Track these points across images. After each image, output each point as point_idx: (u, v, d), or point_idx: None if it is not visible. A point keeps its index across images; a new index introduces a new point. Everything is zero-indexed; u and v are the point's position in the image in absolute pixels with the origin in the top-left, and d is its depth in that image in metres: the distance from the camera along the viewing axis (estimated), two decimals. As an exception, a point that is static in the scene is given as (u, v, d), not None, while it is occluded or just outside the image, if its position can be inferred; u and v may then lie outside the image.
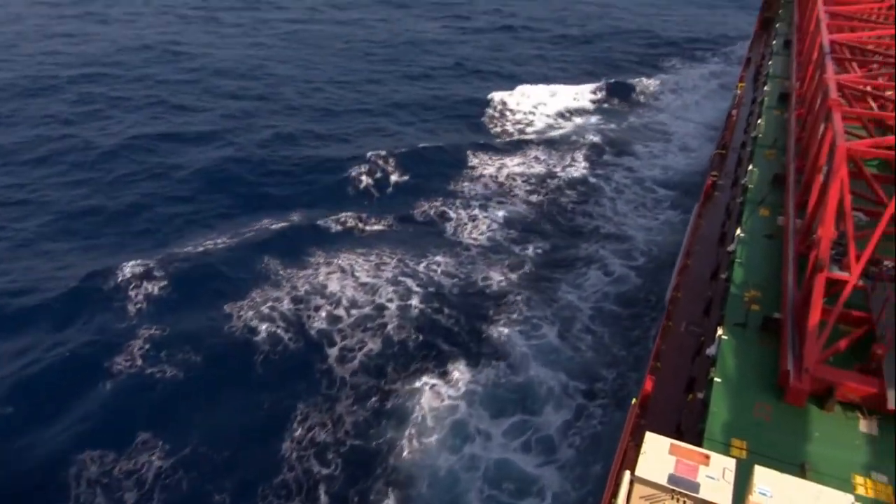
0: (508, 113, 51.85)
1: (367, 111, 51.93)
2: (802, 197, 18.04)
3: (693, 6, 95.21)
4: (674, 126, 49.32)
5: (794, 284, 15.02)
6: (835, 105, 16.79)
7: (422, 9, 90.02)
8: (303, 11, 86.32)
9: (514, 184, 39.24)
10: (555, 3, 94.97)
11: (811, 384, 12.45)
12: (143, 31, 73.53)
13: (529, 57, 69.58)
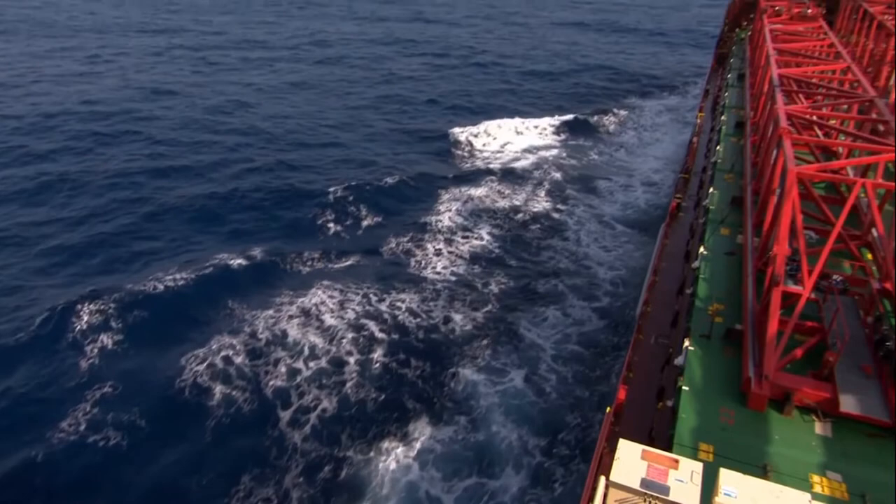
0: (477, 147, 52.11)
1: (338, 145, 51.93)
2: (759, 217, 18.96)
3: (654, 45, 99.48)
4: (634, 162, 49.86)
5: (754, 298, 15.75)
6: (785, 133, 17.77)
7: (399, 46, 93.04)
8: (285, 50, 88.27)
9: (480, 219, 38.98)
10: (524, 42, 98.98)
11: (771, 390, 13.05)
12: (124, 71, 73.88)
13: (498, 92, 71.00)
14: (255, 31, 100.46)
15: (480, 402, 23.80)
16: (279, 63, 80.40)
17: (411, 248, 35.49)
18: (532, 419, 23.02)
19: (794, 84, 23.81)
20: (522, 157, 49.59)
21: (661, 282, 21.10)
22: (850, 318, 14.77)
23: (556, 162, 48.49)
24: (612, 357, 26.15)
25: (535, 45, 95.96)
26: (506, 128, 56.64)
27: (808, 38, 32.60)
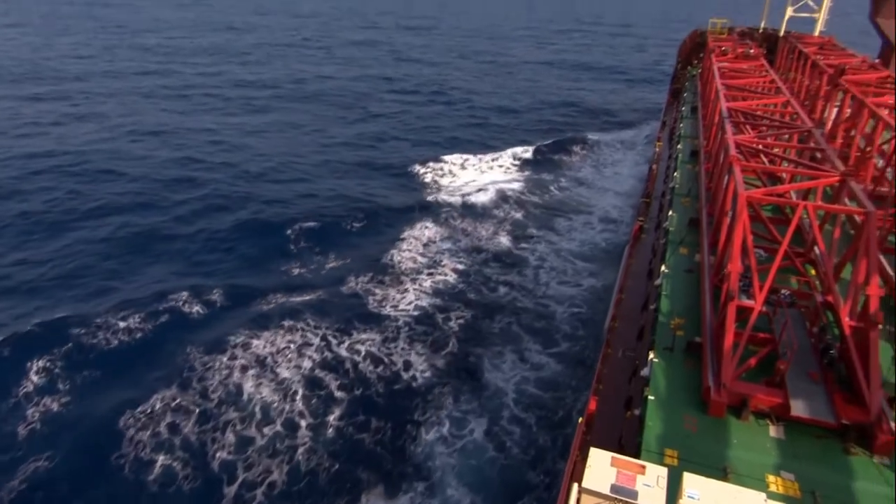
0: (442, 183, 51.59)
1: (306, 180, 51.25)
2: (714, 237, 19.91)
3: (614, 82, 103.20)
4: (594, 198, 49.68)
5: (711, 312, 16.43)
6: (735, 160, 18.92)
7: (371, 81, 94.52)
8: (261, 88, 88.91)
9: (442, 255, 37.89)
10: (491, 79, 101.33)
11: (729, 398, 13.61)
12: (101, 112, 73.03)
13: (465, 127, 71.03)
14: (233, 71, 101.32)
15: (438, 464, 22.34)
16: (256, 101, 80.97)
17: (373, 283, 34.34)
18: (491, 482, 21.64)
19: (741, 116, 25.28)
20: (486, 193, 48.87)
21: (626, 298, 21.83)
22: (797, 329, 15.59)
23: (518, 198, 48.13)
24: (572, 399, 25.35)
25: (501, 83, 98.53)
26: (470, 163, 56.73)
27: (752, 75, 34.59)
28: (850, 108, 28.69)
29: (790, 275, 18.90)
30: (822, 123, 31.65)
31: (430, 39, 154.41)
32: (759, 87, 32.49)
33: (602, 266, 36.56)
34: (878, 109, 25.52)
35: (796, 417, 13.07)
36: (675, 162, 31.60)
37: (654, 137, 54.17)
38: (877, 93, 28.63)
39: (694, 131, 36.58)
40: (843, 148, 27.80)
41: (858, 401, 13.00)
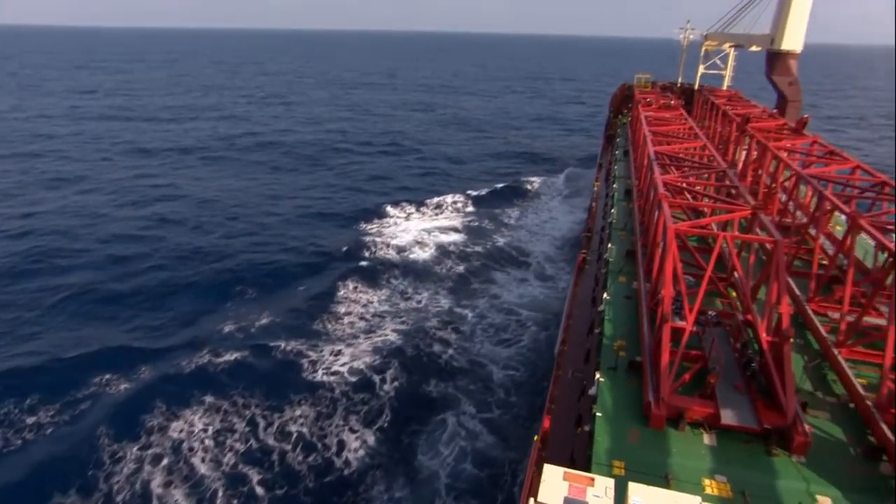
0: (386, 237, 49.46)
1: (249, 233, 49.49)
2: (648, 266, 21.22)
3: (553, 131, 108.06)
4: (532, 245, 48.92)
5: (649, 333, 17.40)
6: (663, 198, 20.47)
7: (325, 134, 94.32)
8: (218, 141, 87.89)
9: (381, 316, 35.77)
10: (439, 131, 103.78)
11: (667, 411, 14.36)
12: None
13: (413, 177, 71.27)
14: (195, 126, 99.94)
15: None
16: (212, 155, 79.44)
17: (308, 345, 31.70)
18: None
19: (666, 159, 27.34)
20: (428, 248, 47.06)
21: (574, 324, 22.74)
22: (723, 346, 16.73)
23: (460, 251, 46.45)
24: (509, 475, 23.62)
25: (450, 134, 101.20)
26: (416, 213, 55.95)
27: (674, 123, 37.51)
28: (756, 151, 31.44)
29: (715, 297, 20.36)
30: (734, 164, 34.49)
31: (385, 94, 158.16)
32: (680, 134, 35.30)
33: (539, 319, 34.92)
34: (779, 152, 28.22)
35: (726, 425, 13.92)
36: (612, 200, 33.59)
37: (589, 180, 56.97)
38: (776, 138, 31.64)
39: (627, 172, 39.10)
40: (753, 185, 30.37)
41: (777, 407, 14.02)
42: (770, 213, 26.82)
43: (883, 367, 14.66)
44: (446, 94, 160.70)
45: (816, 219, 22.65)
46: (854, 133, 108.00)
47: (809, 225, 23.83)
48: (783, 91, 46.97)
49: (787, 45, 44.78)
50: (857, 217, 18.82)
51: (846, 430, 14.30)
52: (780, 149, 28.93)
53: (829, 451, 13.55)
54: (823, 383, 16.35)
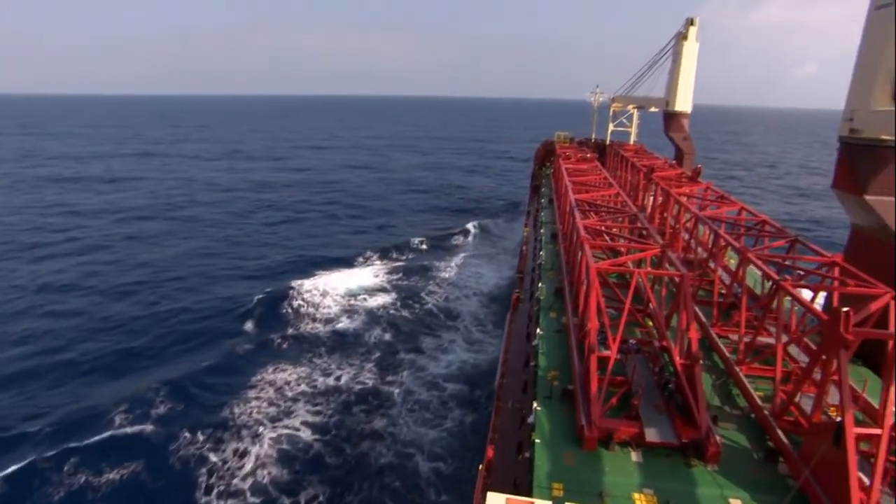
0: (311, 306, 45.29)
1: (156, 304, 44.93)
2: (575, 302, 22.49)
3: (483, 183, 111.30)
4: (460, 304, 46.35)
5: (578, 363, 18.32)
6: (585, 240, 22.06)
7: (245, 202, 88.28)
8: (143, 209, 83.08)
9: (297, 404, 31.07)
10: (374, 187, 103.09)
11: (598, 433, 15.07)
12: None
13: (346, 235, 69.12)
14: (119, 196, 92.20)
15: None
16: (126, 224, 73.01)
17: (210, 446, 27.20)
18: None
19: (586, 205, 29.42)
20: (354, 316, 43.12)
21: (511, 358, 23.50)
22: (644, 371, 17.96)
23: (388, 316, 43.17)
24: None
25: (384, 190, 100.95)
26: (346, 276, 52.10)
27: (590, 174, 40.47)
28: (661, 197, 34.35)
29: (635, 327, 21.84)
30: (644, 208, 37.51)
31: (325, 155, 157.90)
32: (597, 183, 38.08)
33: (465, 396, 31.74)
34: (680, 197, 31.04)
35: (650, 442, 14.83)
36: (540, 243, 35.46)
37: (515, 231, 59.41)
38: (677, 185, 34.85)
39: (552, 218, 41.47)
40: (660, 226, 33.13)
41: (692, 422, 15.15)
42: (676, 251, 29.33)
43: (775, 380, 16.19)
44: (384, 153, 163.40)
45: (714, 254, 24.98)
46: (738, 179, 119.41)
47: (709, 259, 26.17)
48: (679, 145, 51.95)
49: (678, 107, 50.01)
50: (745, 251, 21.00)
51: (749, 438, 15.62)
52: (680, 194, 31.96)
53: (737, 457, 14.73)
54: (729, 398, 17.84)
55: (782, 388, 15.98)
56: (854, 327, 12.74)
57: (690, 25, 47.63)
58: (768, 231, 24.77)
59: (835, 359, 12.96)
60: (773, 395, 16.13)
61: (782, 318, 17.60)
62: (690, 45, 47.89)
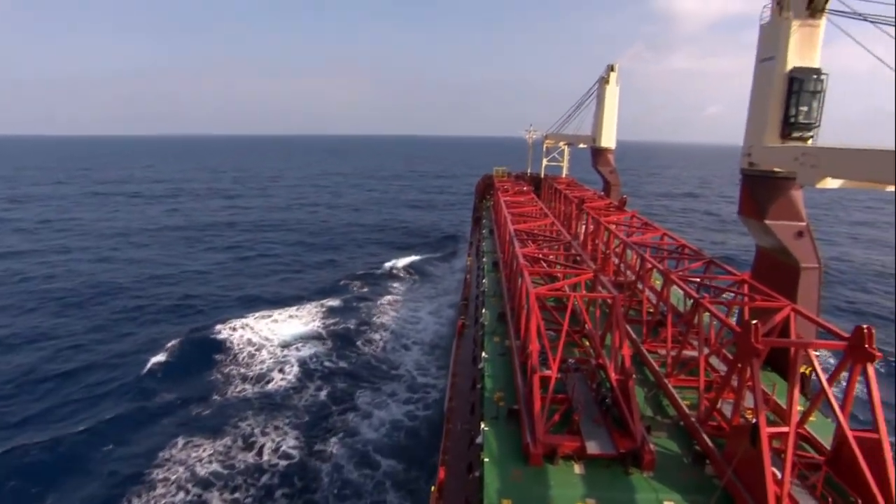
0: (236, 360, 39.82)
1: (66, 374, 38.23)
2: (517, 326, 23.18)
3: (424, 218, 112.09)
4: (398, 355, 41.62)
5: (522, 384, 18.88)
6: (524, 267, 23.01)
7: (160, 247, 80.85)
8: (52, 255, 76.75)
9: (210, 492, 25.69)
10: (308, 228, 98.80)
11: (543, 449, 15.58)
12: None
13: (276, 279, 63.47)
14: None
15: None
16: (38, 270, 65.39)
17: None
18: None
19: (524, 235, 30.68)
20: (289, 365, 38.78)
21: (458, 381, 23.85)
22: (583, 388, 18.75)
23: (324, 367, 38.79)
24: None
25: (319, 229, 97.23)
26: (276, 323, 46.92)
27: (527, 205, 42.23)
28: (592, 225, 36.33)
29: (573, 347, 22.85)
30: (577, 236, 39.45)
31: (264, 197, 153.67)
32: (533, 214, 39.73)
33: (401, 476, 27.34)
34: (609, 225, 33.01)
35: (591, 455, 15.45)
36: (483, 271, 36.45)
37: (454, 267, 60.34)
38: (606, 214, 37.04)
39: (493, 247, 42.77)
40: (592, 252, 34.91)
41: (628, 433, 15.94)
42: (607, 274, 31.00)
43: (699, 389, 17.38)
44: (328, 190, 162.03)
45: (641, 276, 26.66)
46: (665, 207, 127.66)
47: (637, 281, 27.84)
48: (606, 178, 55.33)
49: (604, 143, 53.50)
50: (668, 273, 22.62)
51: (679, 444, 16.63)
52: (609, 222, 33.99)
53: (669, 463, 15.62)
54: (660, 408, 18.92)
55: (706, 396, 17.17)
56: (762, 337, 14.05)
57: (611, 71, 51.57)
58: (687, 254, 26.78)
59: (748, 366, 14.18)
60: (698, 403, 17.29)
61: (703, 332, 19.01)
62: (612, 88, 51.74)
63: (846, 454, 13.24)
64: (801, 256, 21.62)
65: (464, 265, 54.42)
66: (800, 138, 21.07)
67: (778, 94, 20.96)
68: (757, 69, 22.08)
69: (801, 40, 20.44)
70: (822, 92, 20.57)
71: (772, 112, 21.28)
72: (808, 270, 21.55)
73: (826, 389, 13.71)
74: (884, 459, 12.67)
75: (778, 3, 21.00)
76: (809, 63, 20.51)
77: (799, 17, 20.22)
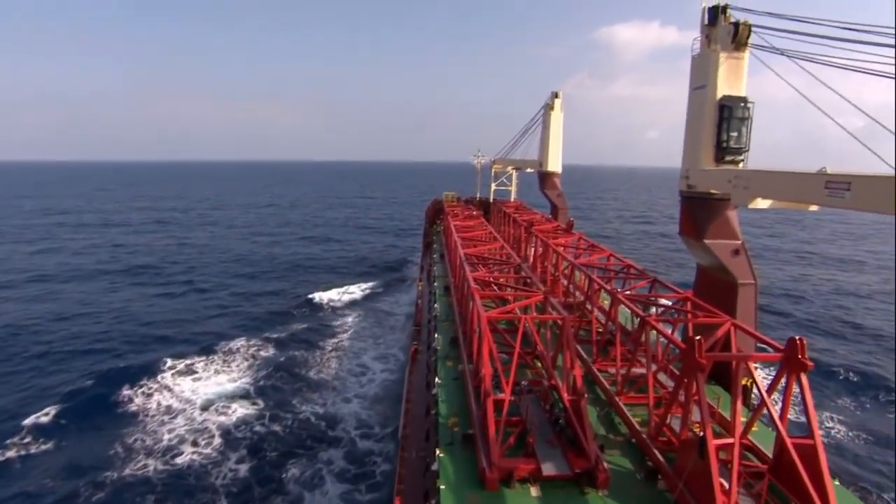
0: (145, 426, 34.02)
1: None
2: (469, 350, 23.11)
3: (372, 245, 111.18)
4: (339, 407, 37.03)
5: (476, 408, 18.73)
6: (475, 291, 23.13)
7: (111, 277, 76.96)
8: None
9: None
10: (253, 257, 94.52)
11: (499, 473, 15.46)
12: None
13: (202, 320, 57.49)
14: None
15: None
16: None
17: None
18: None
19: (474, 258, 30.87)
20: (208, 431, 33.10)
21: (412, 408, 23.60)
22: (536, 409, 18.78)
23: (251, 432, 33.18)
24: None
25: (264, 259, 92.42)
26: (200, 372, 41.79)
27: (477, 229, 42.75)
28: (541, 248, 37.13)
29: (525, 369, 22.92)
30: (526, 259, 40.16)
31: (207, 220, 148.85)
32: (483, 237, 40.19)
33: None
34: (557, 248, 33.82)
35: (547, 476, 15.43)
36: (434, 296, 36.36)
37: (404, 302, 59.71)
38: (554, 237, 37.97)
39: (444, 272, 42.86)
40: (541, 274, 35.55)
41: (583, 453, 16.04)
42: (557, 296, 31.62)
43: (649, 406, 17.79)
44: (273, 218, 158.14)
45: (589, 296, 27.31)
46: (613, 229, 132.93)
47: (585, 302, 28.50)
48: (553, 201, 57.03)
49: (550, 168, 55.32)
50: (615, 293, 23.31)
51: (632, 461, 16.89)
52: (557, 245, 34.83)
53: (623, 480, 15.79)
54: (613, 426, 19.20)
55: (655, 412, 17.59)
56: (706, 352, 14.62)
57: (555, 98, 53.78)
58: (633, 274, 27.77)
59: (694, 381, 14.67)
60: (648, 419, 17.68)
61: (650, 349, 19.61)
62: (556, 114, 53.88)
63: (786, 461, 13.84)
64: (739, 273, 22.90)
65: (412, 298, 54.08)
66: (732, 161, 22.57)
67: (710, 120, 22.47)
68: (691, 97, 23.61)
69: (729, 71, 22.11)
70: (749, 118, 22.21)
71: (706, 137, 22.74)
72: (745, 286, 22.82)
73: (765, 400, 14.37)
74: (819, 464, 13.32)
75: (707, 36, 22.72)
76: (737, 92, 22.16)
77: (726, 50, 21.90)
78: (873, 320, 59.45)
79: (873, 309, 64.30)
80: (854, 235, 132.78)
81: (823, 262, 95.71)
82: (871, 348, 51.04)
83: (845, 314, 61.84)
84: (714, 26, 22.32)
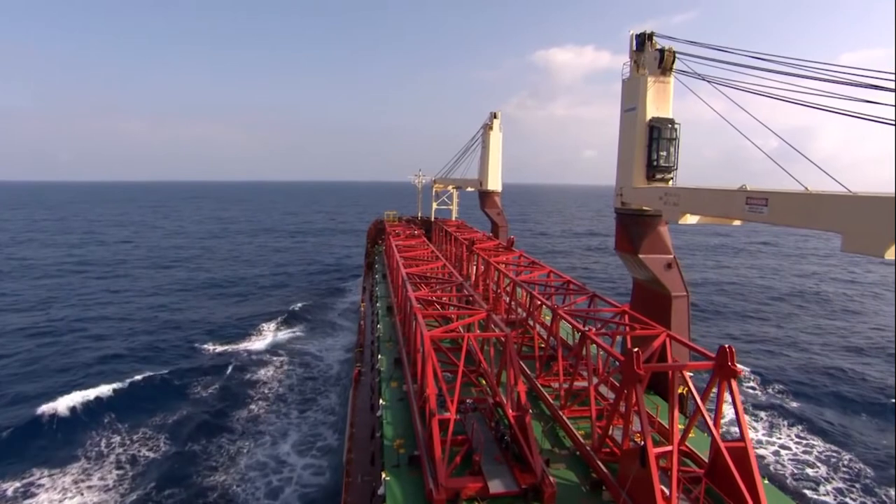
0: None
1: None
2: (413, 370, 22.92)
3: (305, 271, 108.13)
4: (280, 448, 33.13)
5: (421, 429, 18.55)
6: (417, 310, 23.04)
7: None
8: None
9: None
10: (174, 285, 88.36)
11: (446, 493, 15.27)
12: None
13: (100, 362, 47.26)
14: None
15: None
16: None
17: None
18: None
19: (416, 278, 30.86)
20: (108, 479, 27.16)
21: (357, 431, 23.04)
22: (482, 427, 18.81)
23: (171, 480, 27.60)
24: None
25: (184, 286, 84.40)
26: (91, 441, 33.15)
27: (419, 248, 42.88)
28: (482, 266, 37.71)
29: (470, 387, 22.96)
30: (468, 277, 40.60)
31: (130, 242, 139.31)
32: (425, 256, 40.29)
33: None
34: (498, 265, 34.45)
35: (495, 494, 15.41)
36: (377, 316, 35.95)
37: (343, 335, 58.23)
38: (495, 255, 38.66)
39: (387, 292, 42.51)
40: (484, 292, 36.06)
41: (529, 469, 16.18)
42: (499, 313, 32.13)
43: (591, 419, 18.29)
44: (204, 241, 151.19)
45: (531, 313, 27.94)
46: (547, 245, 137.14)
47: (527, 318, 29.11)
48: (494, 219, 58.27)
49: (490, 187, 56.64)
50: (556, 309, 23.98)
51: (577, 473, 17.24)
52: (498, 263, 35.50)
53: (569, 493, 16.07)
54: (557, 440, 19.55)
55: (598, 424, 18.10)
56: (644, 364, 15.27)
57: (494, 118, 55.43)
58: (573, 289, 28.72)
59: (633, 392, 15.26)
60: (591, 431, 18.16)
61: (591, 363, 20.24)
62: (495, 134, 55.47)
63: (721, 465, 14.61)
64: (671, 286, 24.24)
65: (349, 342, 52.46)
66: (662, 179, 24.07)
67: (641, 140, 23.93)
68: (622, 118, 25.07)
69: (657, 94, 23.72)
70: (676, 139, 23.85)
71: (637, 156, 24.14)
72: (678, 298, 24.16)
73: (700, 407, 15.17)
74: (751, 465, 14.16)
75: (635, 61, 24.33)
76: (665, 114, 23.79)
77: (653, 75, 23.51)
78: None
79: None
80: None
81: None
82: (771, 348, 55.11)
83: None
84: (641, 52, 23.97)
